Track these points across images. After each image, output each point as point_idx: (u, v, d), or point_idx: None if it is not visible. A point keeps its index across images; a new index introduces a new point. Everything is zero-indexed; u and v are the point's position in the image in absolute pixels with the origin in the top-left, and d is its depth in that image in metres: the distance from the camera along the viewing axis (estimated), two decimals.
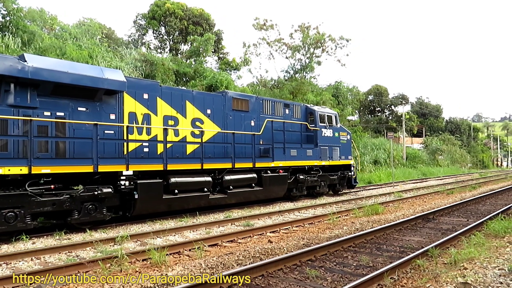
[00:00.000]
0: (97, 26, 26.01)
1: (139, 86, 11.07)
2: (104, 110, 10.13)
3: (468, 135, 71.35)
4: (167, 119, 11.51)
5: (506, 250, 6.64)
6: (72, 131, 9.47)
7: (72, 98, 9.52)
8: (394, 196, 17.01)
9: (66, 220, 9.06)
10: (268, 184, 13.76)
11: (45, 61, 9.30)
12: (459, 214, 11.72)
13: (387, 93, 61.97)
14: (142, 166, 10.16)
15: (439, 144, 51.54)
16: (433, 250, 6.48)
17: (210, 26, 36.39)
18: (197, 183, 11.52)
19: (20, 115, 8.63)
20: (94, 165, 9.16)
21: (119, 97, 10.42)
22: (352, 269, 6.10)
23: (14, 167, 8.02)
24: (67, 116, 9.41)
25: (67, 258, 6.95)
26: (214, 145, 12.56)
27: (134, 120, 10.70)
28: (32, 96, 8.90)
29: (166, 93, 11.67)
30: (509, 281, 5.01)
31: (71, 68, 9.33)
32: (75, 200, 8.95)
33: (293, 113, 15.99)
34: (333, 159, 16.95)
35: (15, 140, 8.55)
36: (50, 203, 8.59)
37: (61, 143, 9.24)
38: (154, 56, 27.14)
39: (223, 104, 13.16)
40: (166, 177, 10.73)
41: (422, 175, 35.65)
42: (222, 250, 7.59)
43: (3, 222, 7.87)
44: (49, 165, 8.55)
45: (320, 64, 39.48)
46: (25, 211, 8.19)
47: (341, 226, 9.83)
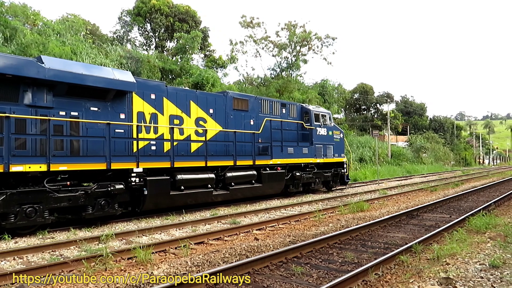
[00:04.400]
0: (81, 22, 25.65)
1: (147, 86, 11.44)
2: (115, 109, 10.52)
3: (451, 133, 72.53)
4: (172, 118, 11.94)
5: (487, 246, 6.79)
6: (85, 130, 9.87)
7: (85, 98, 9.91)
8: (379, 193, 17.21)
9: (80, 215, 9.43)
10: (267, 181, 14.27)
11: (61, 63, 9.61)
12: (442, 210, 11.93)
13: (372, 91, 62.62)
14: (151, 164, 10.60)
15: (423, 142, 52.28)
16: (417, 246, 6.59)
17: (197, 23, 36.18)
18: (202, 180, 11.96)
19: (37, 114, 8.96)
20: (107, 162, 9.56)
21: (128, 97, 10.82)
22: (338, 265, 6.16)
23: (34, 165, 8.40)
24: (81, 115, 9.80)
25: (50, 257, 6.85)
26: (216, 143, 12.95)
27: (142, 119, 11.11)
28: (48, 96, 9.28)
29: (172, 93, 12.07)
30: (489, 276, 5.13)
31: (85, 70, 9.72)
32: (89, 196, 9.35)
33: (289, 113, 16.47)
34: (327, 156, 17.48)
35: (33, 138, 8.89)
36: (66, 199, 8.98)
37: (75, 141, 9.65)
38: (139, 53, 26.90)
39: (224, 104, 13.62)
40: (173, 174, 11.15)
41: (407, 172, 36.13)
42: (208, 248, 7.58)
43: (24, 217, 8.27)
44: (65, 163, 8.97)
45: (307, 62, 39.69)
46: (43, 207, 8.58)
47: (327, 223, 9.91)
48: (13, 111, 8.55)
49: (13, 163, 8.09)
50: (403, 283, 5.13)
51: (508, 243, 6.99)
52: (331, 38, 39.73)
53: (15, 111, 8.60)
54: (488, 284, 4.85)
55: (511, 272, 5.25)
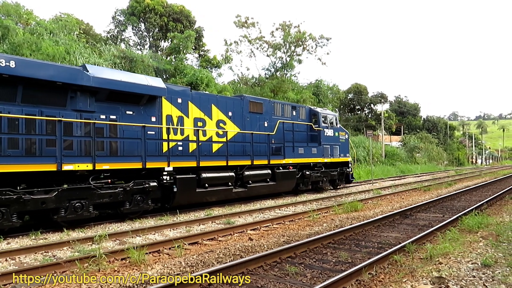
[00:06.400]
0: (75, 21, 25.47)
1: (174, 91, 12.24)
2: (147, 113, 11.33)
3: (445, 133, 72.95)
4: (196, 121, 12.81)
5: (479, 245, 6.84)
6: (122, 132, 10.61)
7: (122, 103, 10.72)
8: (373, 193, 17.28)
9: (119, 210, 10.34)
10: (280, 179, 15.20)
11: (103, 71, 10.48)
12: (435, 210, 12.01)
13: (366, 91, 62.79)
14: (180, 163, 11.47)
15: (416, 142, 52.55)
16: (410, 245, 6.62)
17: (191, 23, 36.10)
18: (223, 178, 12.84)
19: (81, 118, 9.81)
20: (142, 162, 10.44)
21: (158, 101, 11.63)
22: (331, 265, 6.18)
23: (82, 164, 9.31)
24: (118, 119, 10.61)
25: (43, 258, 6.80)
26: (235, 144, 13.74)
27: (170, 122, 11.95)
28: (91, 101, 10.09)
29: (196, 97, 12.92)
30: (482, 275, 5.18)
31: (123, 77, 10.58)
32: (127, 193, 10.22)
33: (299, 115, 17.34)
34: (333, 156, 18.42)
35: (78, 140, 9.71)
36: (108, 195, 9.83)
37: (113, 142, 10.42)
38: (133, 53, 26.76)
39: (241, 107, 14.49)
40: (198, 173, 12.02)
41: (401, 172, 36.32)
42: (202, 248, 7.57)
43: (73, 211, 9.12)
44: (107, 162, 9.82)
45: (301, 62, 39.79)
46: (89, 202, 9.43)
47: (321, 223, 9.93)
48: (61, 115, 9.38)
49: (65, 163, 8.96)
50: (396, 282, 5.16)
51: (500, 242, 7.06)
52: (325, 39, 39.91)
53: (63, 115, 9.42)
54: (480, 283, 4.89)
55: (502, 271, 5.30)
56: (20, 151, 8.69)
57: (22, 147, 8.76)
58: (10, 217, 8.17)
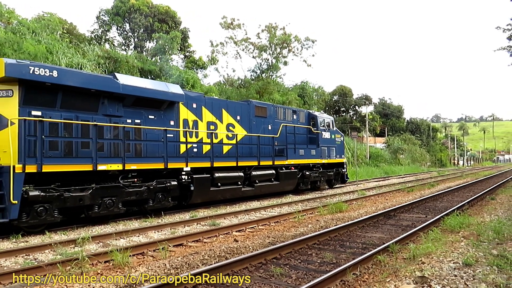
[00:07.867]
0: (58, 21, 25.04)
1: (189, 97, 13.07)
2: (166, 117, 12.13)
3: (428, 135, 74.14)
4: (209, 124, 13.65)
5: (460, 245, 6.96)
6: (145, 135, 11.38)
7: (145, 108, 11.52)
8: (357, 194, 17.44)
9: (143, 207, 11.19)
10: (283, 179, 16.24)
11: (130, 79, 11.33)
12: (418, 210, 12.17)
13: (351, 93, 63.36)
14: (196, 164, 12.39)
15: (400, 143, 53.25)
16: (394, 246, 6.69)
17: (176, 23, 35.94)
18: (234, 178, 13.77)
19: (111, 122, 10.54)
20: (164, 162, 11.28)
21: (176, 107, 12.47)
22: (316, 266, 6.21)
23: (113, 164, 10.09)
24: (142, 123, 11.36)
25: (24, 261, 6.67)
26: (243, 146, 14.57)
27: (186, 126, 12.77)
28: (119, 106, 10.88)
29: (208, 102, 13.78)
30: (463, 274, 5.27)
31: (148, 84, 11.48)
32: (151, 191, 11.03)
33: (299, 118, 18.36)
34: (330, 157, 19.60)
35: (108, 142, 10.40)
36: (134, 193, 10.65)
37: (137, 144, 11.16)
38: (118, 53, 26.48)
39: (248, 111, 15.43)
40: (211, 173, 12.89)
41: (385, 173, 36.72)
42: (187, 250, 7.52)
43: (105, 207, 9.95)
44: (135, 163, 10.67)
45: (287, 64, 39.89)
46: (118, 199, 10.23)
47: (306, 224, 9.96)
48: (94, 120, 10.12)
49: (99, 163, 9.74)
50: (380, 282, 5.21)
51: (480, 242, 7.20)
52: (311, 41, 40.08)
53: (96, 120, 10.16)
54: (462, 282, 4.98)
55: (483, 270, 5.40)
56: (59, 153, 9.36)
57: (61, 149, 9.44)
58: (53, 212, 8.91)
